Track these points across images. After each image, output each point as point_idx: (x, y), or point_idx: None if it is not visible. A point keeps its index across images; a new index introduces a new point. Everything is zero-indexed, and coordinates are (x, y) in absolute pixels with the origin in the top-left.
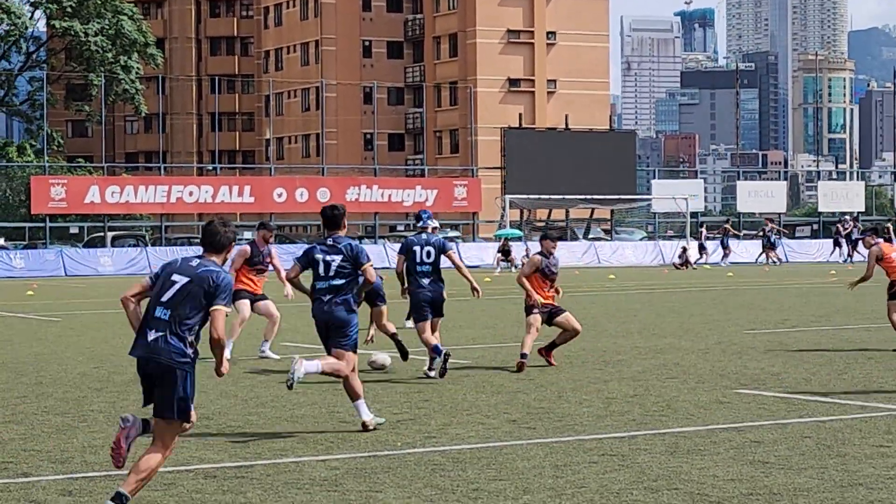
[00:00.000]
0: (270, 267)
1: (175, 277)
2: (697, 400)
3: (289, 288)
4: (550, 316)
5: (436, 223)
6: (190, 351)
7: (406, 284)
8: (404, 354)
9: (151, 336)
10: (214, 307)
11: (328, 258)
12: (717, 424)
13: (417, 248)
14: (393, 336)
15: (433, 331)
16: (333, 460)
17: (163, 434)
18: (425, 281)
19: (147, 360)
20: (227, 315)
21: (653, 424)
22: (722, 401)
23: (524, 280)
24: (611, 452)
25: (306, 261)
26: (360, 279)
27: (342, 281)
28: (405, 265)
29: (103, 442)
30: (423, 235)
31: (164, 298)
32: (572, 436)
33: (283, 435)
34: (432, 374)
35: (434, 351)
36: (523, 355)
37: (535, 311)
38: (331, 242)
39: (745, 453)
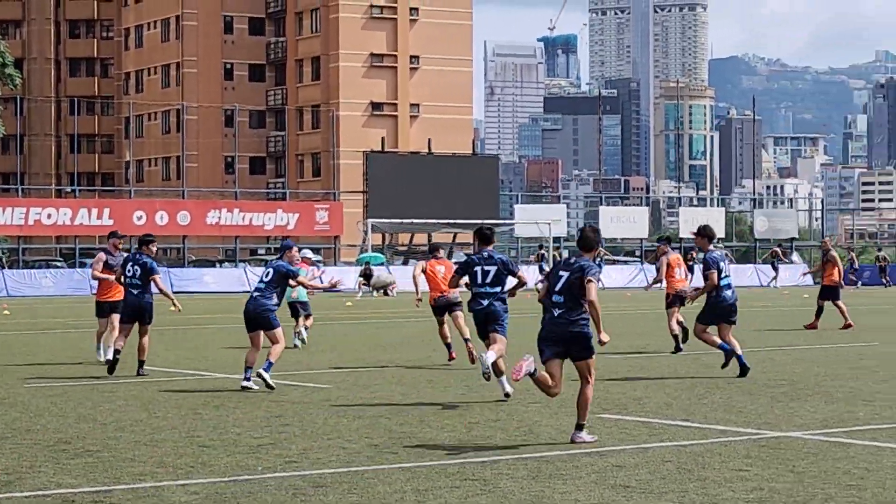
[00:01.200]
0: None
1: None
2: (560, 424)
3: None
4: None
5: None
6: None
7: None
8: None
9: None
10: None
11: (486, 268)
12: (579, 449)
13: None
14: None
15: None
16: (193, 485)
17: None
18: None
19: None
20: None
21: (515, 449)
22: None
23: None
24: (473, 477)
25: (464, 270)
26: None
27: (498, 288)
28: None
29: None
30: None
31: (558, 288)
32: (434, 460)
33: (142, 459)
34: None
35: None
36: None
37: None
38: (486, 255)
39: (606, 477)
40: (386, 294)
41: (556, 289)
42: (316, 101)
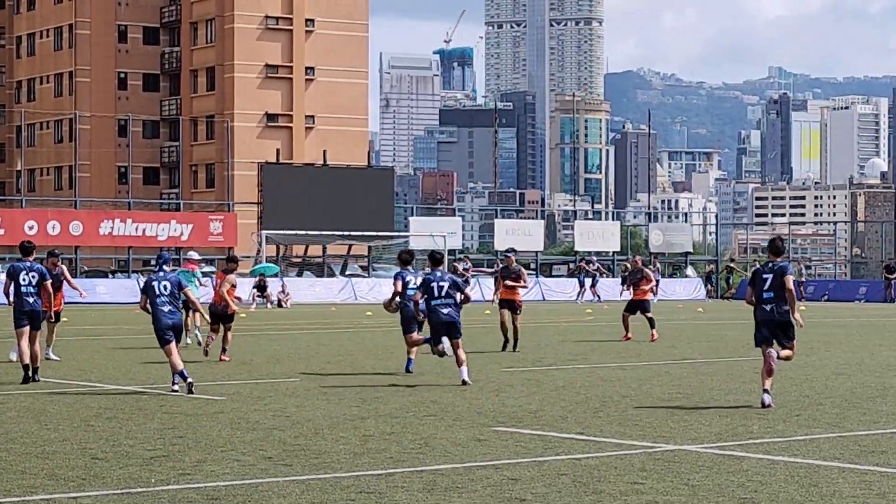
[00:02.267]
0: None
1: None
2: (455, 437)
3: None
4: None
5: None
6: None
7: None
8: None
9: None
10: None
11: (440, 283)
12: (475, 462)
13: (156, 283)
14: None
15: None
16: (85, 498)
17: None
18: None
19: None
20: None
21: (410, 462)
22: (479, 438)
23: None
24: (368, 490)
25: (425, 287)
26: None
27: (451, 300)
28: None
29: None
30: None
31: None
32: (329, 473)
33: (33, 472)
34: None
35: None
36: None
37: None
38: (440, 274)
39: (502, 490)
40: (280, 305)
41: (765, 288)
42: (210, 112)
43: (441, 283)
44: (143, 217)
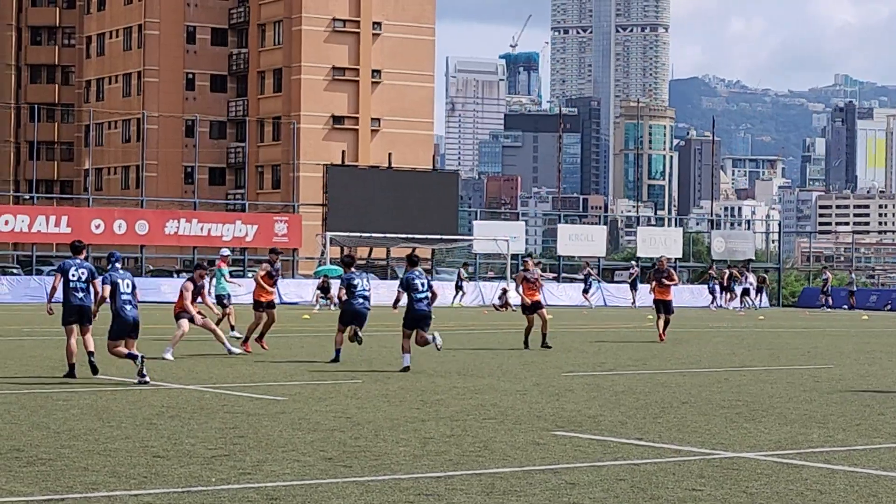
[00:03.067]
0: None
1: None
2: (514, 441)
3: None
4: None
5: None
6: None
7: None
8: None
9: None
10: None
11: (421, 280)
12: (534, 466)
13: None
14: None
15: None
16: (146, 495)
17: None
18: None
19: None
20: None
21: (469, 465)
22: (539, 442)
23: None
24: (426, 492)
25: (406, 285)
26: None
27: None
28: None
29: None
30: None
31: None
32: (388, 475)
33: (95, 469)
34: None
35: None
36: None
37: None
38: (418, 273)
39: (560, 495)
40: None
41: None
42: (277, 113)
43: (421, 280)
44: (208, 217)
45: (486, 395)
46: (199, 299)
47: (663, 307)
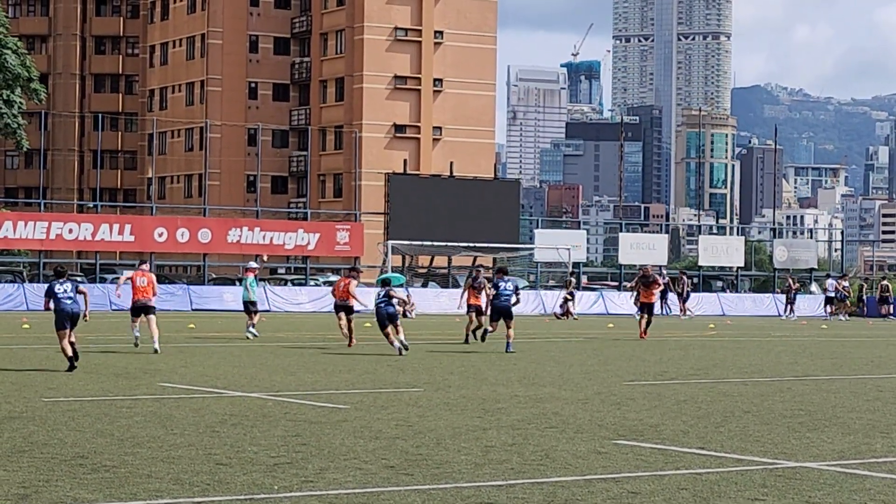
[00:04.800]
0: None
1: None
2: (576, 450)
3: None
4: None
5: None
6: None
7: None
8: None
9: None
10: None
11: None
12: (595, 474)
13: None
14: None
15: None
16: (209, 502)
17: None
18: None
19: None
20: None
21: (531, 473)
22: (600, 451)
23: None
24: (488, 501)
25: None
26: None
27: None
28: None
29: None
30: None
31: None
32: (450, 483)
33: (158, 476)
34: None
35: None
36: None
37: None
38: (505, 279)
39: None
40: (405, 315)
41: None
42: (339, 122)
43: (506, 285)
44: (270, 226)
45: (548, 404)
46: None
47: (647, 309)
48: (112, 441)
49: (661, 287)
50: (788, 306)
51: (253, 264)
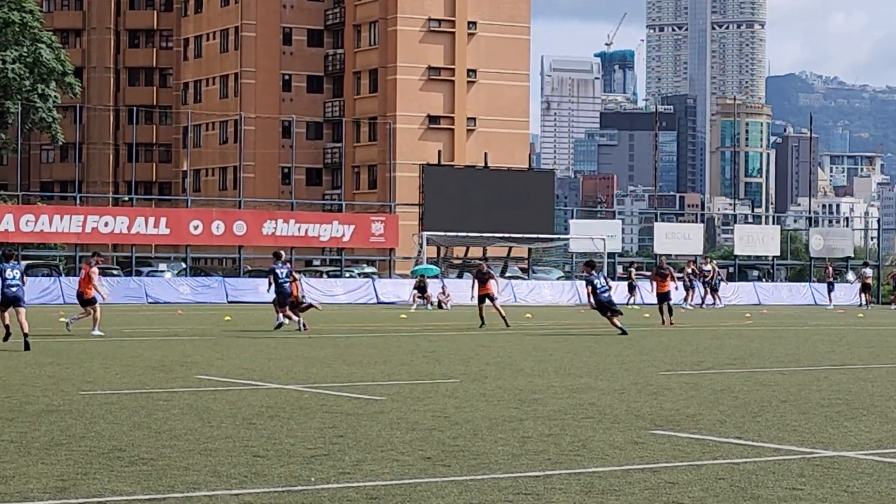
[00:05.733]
0: None
1: None
2: (613, 440)
3: None
4: None
5: None
6: None
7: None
8: None
9: None
10: None
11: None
12: (632, 465)
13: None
14: None
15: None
16: (247, 495)
17: None
18: None
19: None
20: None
21: (568, 464)
22: (637, 441)
23: None
24: (525, 491)
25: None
26: None
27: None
28: None
29: (13, 472)
30: None
31: None
32: (487, 474)
33: (196, 468)
34: None
35: None
36: None
37: None
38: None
39: (659, 494)
40: (440, 307)
41: None
42: (373, 114)
43: (599, 280)
44: (305, 218)
45: (584, 395)
46: None
47: (662, 298)
48: (149, 434)
49: (674, 278)
50: (829, 295)
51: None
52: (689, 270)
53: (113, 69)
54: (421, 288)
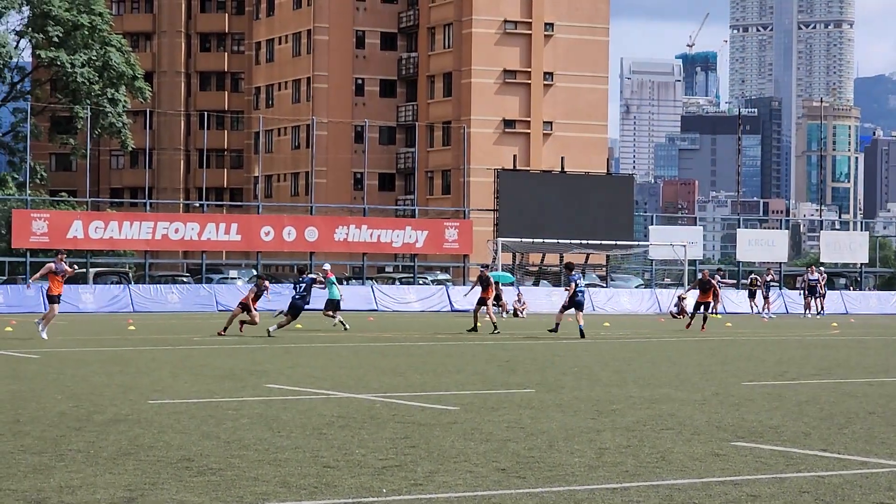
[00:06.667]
0: None
1: None
2: (693, 452)
3: None
4: None
5: None
6: None
7: None
8: None
9: None
10: None
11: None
12: (713, 477)
13: None
14: None
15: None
16: None
17: None
18: None
19: None
20: None
21: (646, 476)
22: (718, 453)
23: None
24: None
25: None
26: None
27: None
28: None
29: (81, 482)
30: None
31: None
32: (563, 486)
33: (265, 479)
34: None
35: None
36: None
37: None
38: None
39: None
40: (516, 315)
41: None
42: (447, 118)
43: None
44: (378, 223)
45: (664, 405)
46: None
47: (704, 307)
48: (218, 443)
49: (718, 292)
50: None
51: (327, 266)
52: (769, 279)
53: (184, 73)
54: (496, 295)
